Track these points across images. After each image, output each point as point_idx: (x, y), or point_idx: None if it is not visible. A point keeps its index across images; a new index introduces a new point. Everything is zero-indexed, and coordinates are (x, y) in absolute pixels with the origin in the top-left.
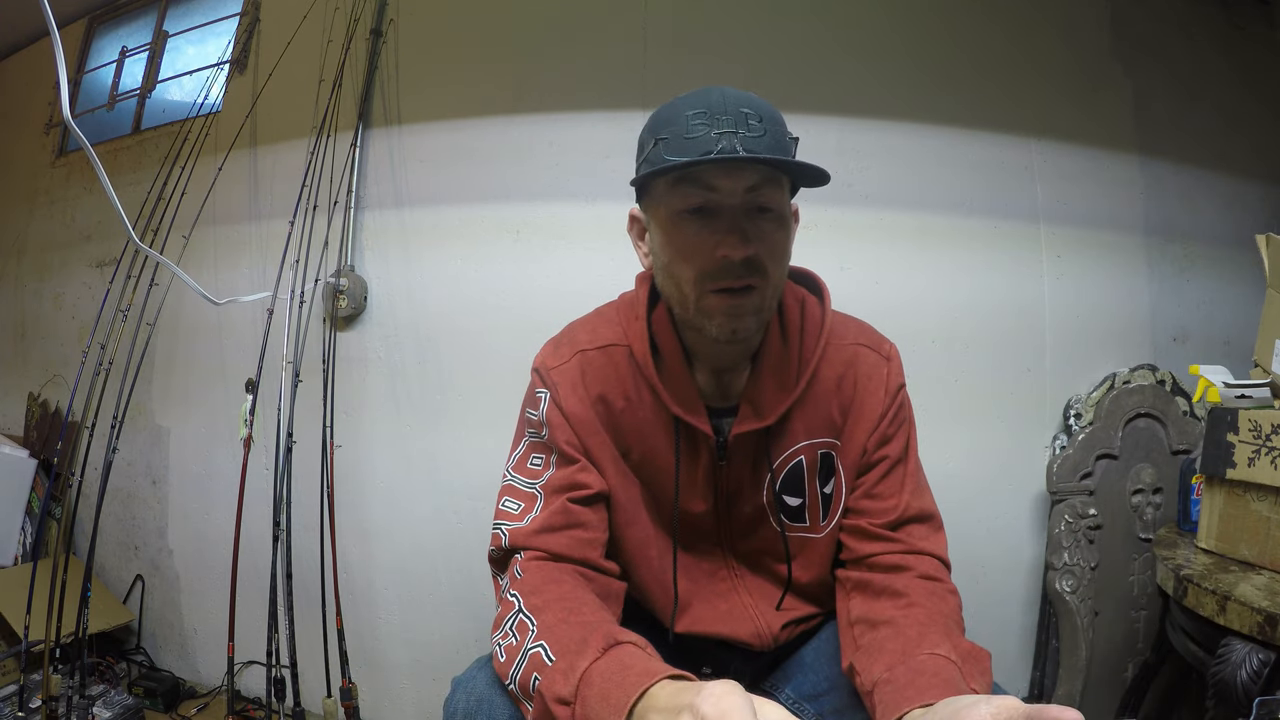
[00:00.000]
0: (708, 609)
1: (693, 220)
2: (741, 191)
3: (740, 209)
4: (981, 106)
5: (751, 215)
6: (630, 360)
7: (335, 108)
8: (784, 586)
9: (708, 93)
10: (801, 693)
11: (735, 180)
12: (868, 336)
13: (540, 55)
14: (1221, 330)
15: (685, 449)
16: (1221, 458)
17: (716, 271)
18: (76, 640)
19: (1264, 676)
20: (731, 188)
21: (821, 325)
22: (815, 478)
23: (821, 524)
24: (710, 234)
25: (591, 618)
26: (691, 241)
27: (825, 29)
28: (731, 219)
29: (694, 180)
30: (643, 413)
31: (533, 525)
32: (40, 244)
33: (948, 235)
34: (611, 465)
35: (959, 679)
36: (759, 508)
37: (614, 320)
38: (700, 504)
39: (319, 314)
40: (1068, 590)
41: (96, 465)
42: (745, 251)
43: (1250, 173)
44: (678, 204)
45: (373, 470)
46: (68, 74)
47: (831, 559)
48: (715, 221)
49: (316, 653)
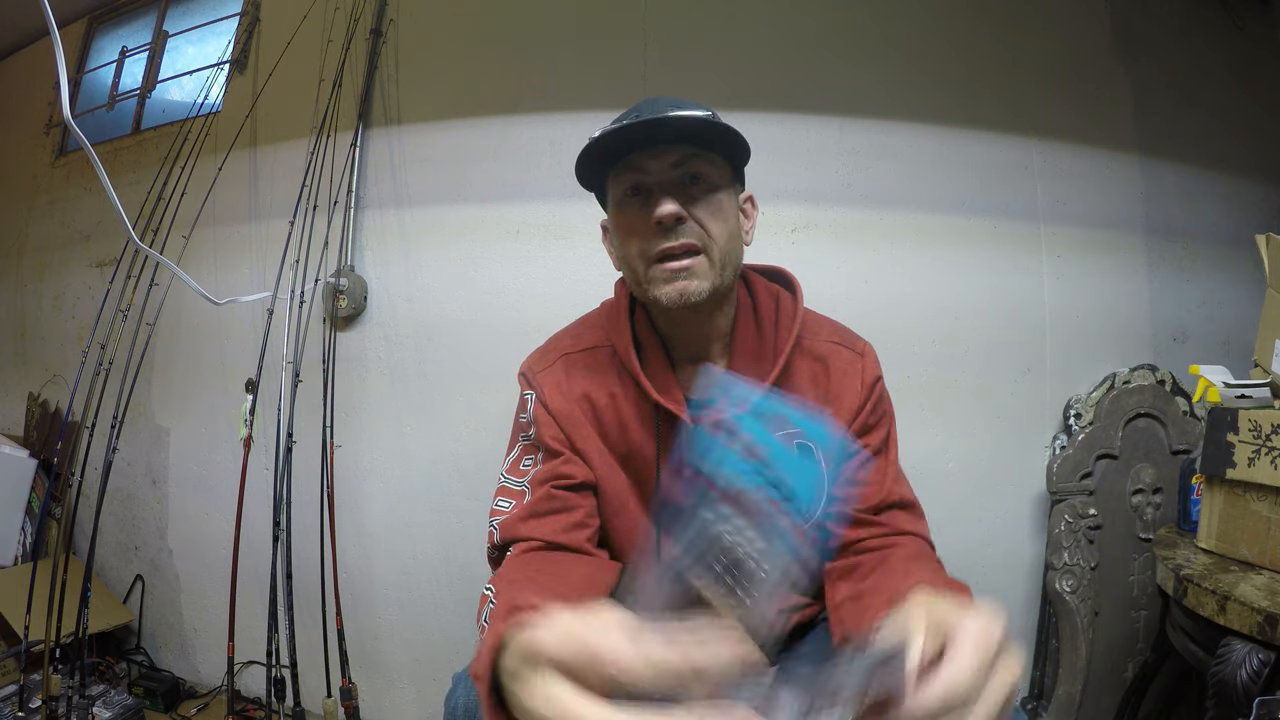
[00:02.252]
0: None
1: (632, 201)
2: (669, 168)
3: (671, 182)
4: (981, 106)
5: (683, 185)
6: (614, 359)
7: (335, 108)
8: None
9: (642, 101)
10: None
11: (661, 159)
12: (841, 335)
13: (540, 55)
14: (1221, 330)
15: (666, 437)
16: (1221, 458)
17: (655, 239)
18: (76, 640)
19: (1264, 676)
20: (659, 166)
21: (794, 317)
22: None
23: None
24: (647, 210)
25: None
26: (632, 219)
27: (825, 29)
28: (662, 190)
29: (629, 167)
30: (627, 407)
31: (519, 513)
32: (40, 244)
33: (947, 235)
34: (598, 457)
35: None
36: None
37: (597, 324)
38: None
39: (319, 314)
40: (1068, 590)
41: (96, 465)
42: (673, 209)
43: (1250, 173)
44: (618, 192)
45: (373, 470)
46: (68, 74)
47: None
48: (650, 197)
49: (316, 653)
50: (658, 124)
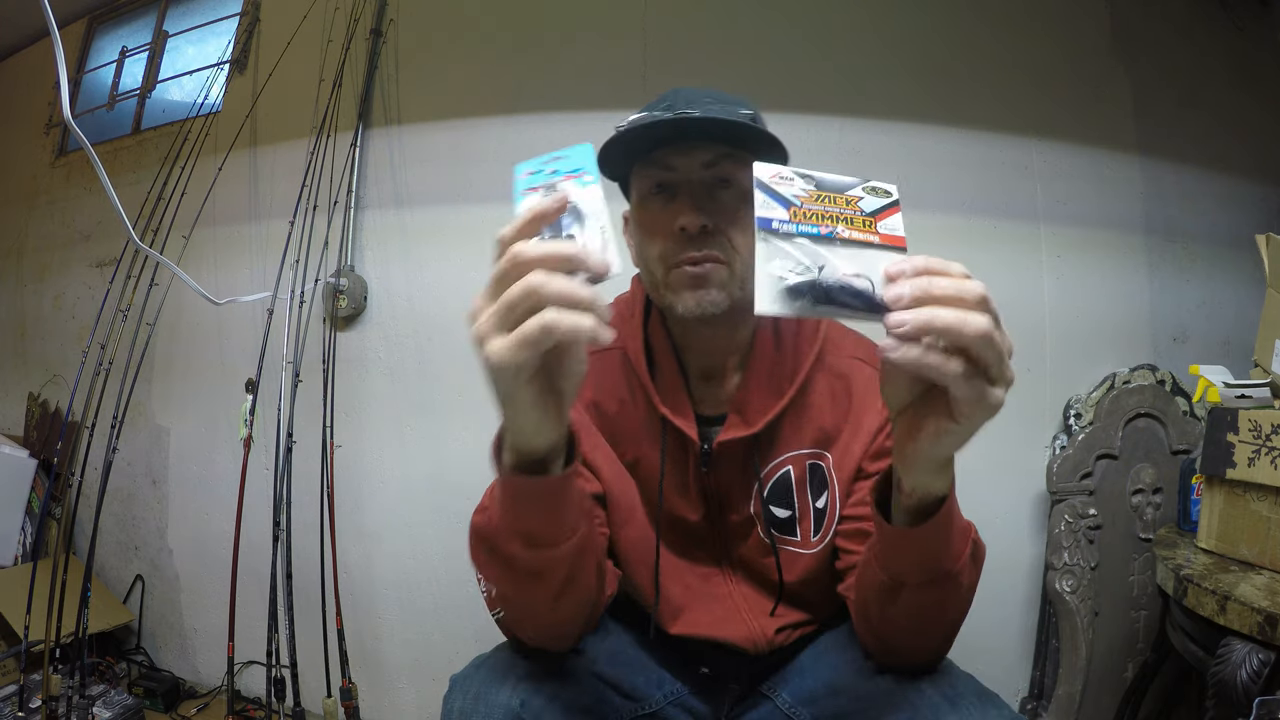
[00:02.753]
0: (703, 612)
1: (656, 199)
2: (699, 168)
3: (699, 185)
4: (981, 106)
5: (712, 190)
6: (624, 363)
7: (335, 108)
8: (776, 595)
9: (677, 89)
10: (799, 696)
11: (691, 158)
12: (866, 351)
13: (540, 55)
14: (1221, 330)
15: (672, 451)
16: (1221, 458)
17: (677, 245)
18: (76, 640)
19: (1264, 676)
20: (688, 165)
21: (817, 333)
22: (806, 490)
23: (813, 539)
24: (670, 210)
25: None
26: (655, 219)
27: (825, 29)
28: (689, 193)
29: (655, 162)
30: (636, 416)
31: None
32: (40, 244)
33: (947, 235)
34: (607, 465)
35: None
36: (748, 517)
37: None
38: (692, 511)
39: (319, 314)
40: (1068, 590)
41: (96, 465)
42: (699, 220)
43: (1250, 173)
44: (642, 187)
45: (373, 470)
46: (68, 74)
47: (828, 573)
48: (675, 198)
49: (316, 653)
50: (689, 123)
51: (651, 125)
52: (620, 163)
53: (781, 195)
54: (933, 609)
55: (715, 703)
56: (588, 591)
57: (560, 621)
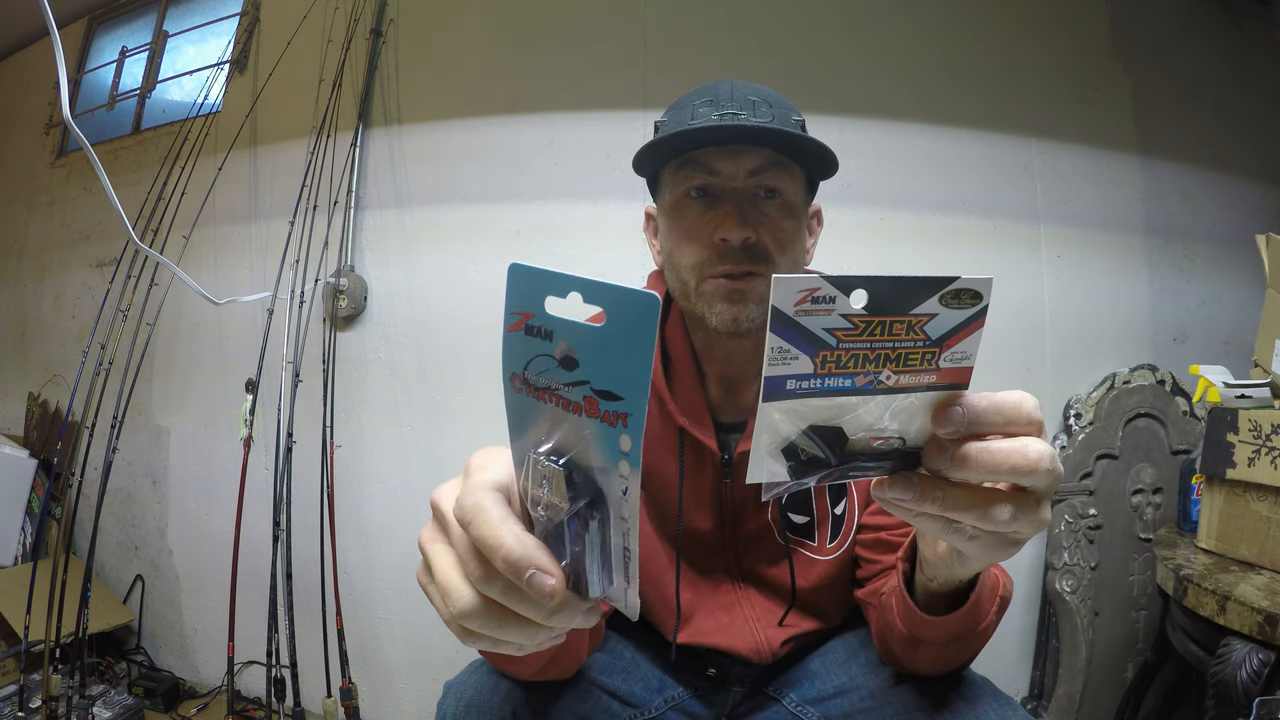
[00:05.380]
0: (709, 620)
1: (694, 204)
2: (743, 175)
3: (743, 192)
4: (981, 106)
5: (755, 199)
6: None
7: (335, 108)
8: (788, 603)
9: (718, 84)
10: (806, 697)
11: (737, 163)
12: None
13: (540, 55)
14: (1221, 330)
15: (690, 465)
16: (1221, 458)
17: (716, 256)
18: (76, 640)
19: (1264, 676)
20: (733, 170)
21: None
22: (825, 497)
23: (830, 546)
24: (710, 217)
25: None
26: (692, 225)
27: (825, 29)
28: (732, 201)
29: (695, 164)
30: (650, 426)
31: None
32: (40, 244)
33: (947, 235)
34: None
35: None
36: (764, 525)
37: None
38: (704, 521)
39: (319, 314)
40: (1067, 590)
41: (96, 465)
42: (743, 233)
43: (1250, 173)
44: (680, 188)
45: (373, 470)
46: (68, 74)
47: (841, 580)
48: (716, 205)
49: (316, 653)
50: (740, 131)
51: (699, 131)
52: (650, 159)
53: (810, 333)
54: (954, 658)
55: (716, 706)
56: (575, 659)
57: (547, 678)
